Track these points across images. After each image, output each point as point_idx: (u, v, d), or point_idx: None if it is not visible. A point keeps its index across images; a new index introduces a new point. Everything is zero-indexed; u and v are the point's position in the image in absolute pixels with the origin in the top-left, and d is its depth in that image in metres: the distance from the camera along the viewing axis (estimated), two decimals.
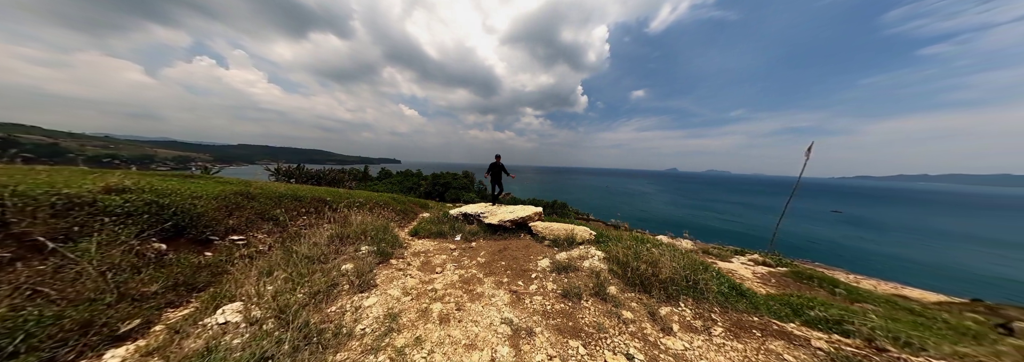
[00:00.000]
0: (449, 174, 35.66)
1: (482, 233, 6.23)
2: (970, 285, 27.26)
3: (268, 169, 14.09)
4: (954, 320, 6.32)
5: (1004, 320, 6.66)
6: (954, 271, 32.87)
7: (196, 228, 4.59)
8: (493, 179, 8.07)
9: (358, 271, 4.10)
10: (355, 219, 6.04)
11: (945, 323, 5.82)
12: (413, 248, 5.53)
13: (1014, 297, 19.80)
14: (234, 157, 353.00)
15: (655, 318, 3.84)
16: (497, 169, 8.01)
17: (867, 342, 3.92)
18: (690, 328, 3.78)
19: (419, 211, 11.20)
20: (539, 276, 4.68)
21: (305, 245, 4.72)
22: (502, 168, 8.00)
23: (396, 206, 9.84)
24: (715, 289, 4.52)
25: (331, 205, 7.23)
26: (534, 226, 6.32)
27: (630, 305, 4.09)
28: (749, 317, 4.36)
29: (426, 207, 12.32)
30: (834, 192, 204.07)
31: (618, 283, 4.65)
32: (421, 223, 7.24)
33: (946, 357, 3.56)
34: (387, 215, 8.20)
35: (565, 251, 5.62)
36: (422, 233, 6.55)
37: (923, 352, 3.61)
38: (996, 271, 33.82)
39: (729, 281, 5.06)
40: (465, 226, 6.58)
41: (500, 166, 7.98)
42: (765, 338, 3.74)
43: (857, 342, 3.95)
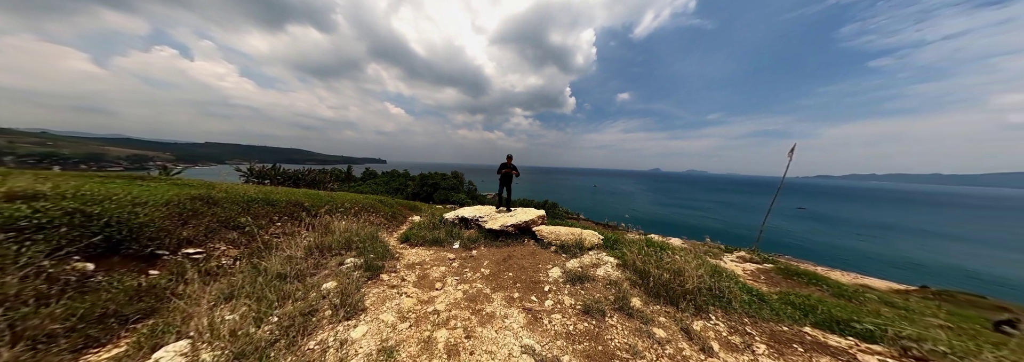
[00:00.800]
0: (438, 174, 34.50)
1: (482, 239, 5.62)
2: (912, 272, 29.96)
3: (239, 169, 12.77)
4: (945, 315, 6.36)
5: (1007, 317, 6.73)
6: (898, 260, 36.96)
7: (137, 241, 3.72)
8: (503, 183, 7.00)
9: (343, 291, 3.40)
10: (338, 226, 5.27)
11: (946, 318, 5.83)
12: (406, 259, 4.83)
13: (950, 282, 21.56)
14: (200, 156, 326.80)
15: (691, 336, 3.38)
16: (507, 171, 6.98)
17: (902, 351, 3.63)
18: (730, 346, 3.34)
19: (408, 214, 10.40)
20: (553, 289, 4.13)
21: (278, 259, 3.94)
22: (513, 170, 6.98)
23: (384, 210, 9.02)
24: (743, 298, 4.14)
25: (310, 210, 6.38)
26: (539, 231, 5.78)
27: (659, 320, 3.62)
28: (778, 326, 4.02)
29: (416, 210, 11.52)
30: (799, 190, 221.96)
31: (639, 294, 4.18)
32: (413, 229, 6.52)
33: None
34: (374, 220, 7.42)
35: (575, 258, 5.11)
36: (415, 240, 5.85)
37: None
38: (930, 258, 38.36)
39: (748, 287, 4.72)
40: (463, 232, 5.94)
41: (512, 168, 6.96)
42: (809, 354, 3.37)
43: (891, 351, 3.67)
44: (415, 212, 11.13)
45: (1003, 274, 31.88)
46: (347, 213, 7.00)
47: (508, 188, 7.00)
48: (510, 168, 6.84)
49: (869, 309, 5.46)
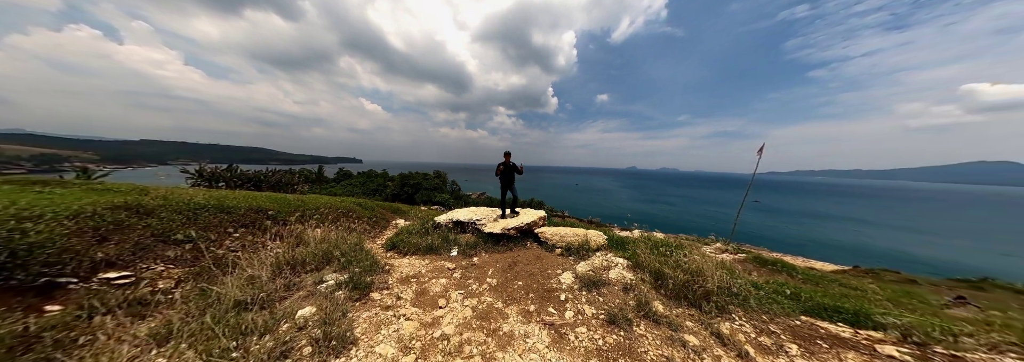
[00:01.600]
0: (419, 174, 32.78)
1: (482, 244, 5.06)
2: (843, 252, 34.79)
3: (186, 171, 10.96)
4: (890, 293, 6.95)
5: (958, 295, 7.42)
6: (831, 243, 43.07)
7: (26, 268, 2.73)
8: (504, 184, 5.89)
9: (324, 318, 2.70)
10: (313, 235, 4.44)
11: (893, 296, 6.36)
12: (399, 271, 4.15)
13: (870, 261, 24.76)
14: (134, 156, 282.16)
15: (724, 341, 3.11)
16: (509, 171, 5.84)
17: (902, 337, 3.66)
18: (764, 349, 3.13)
19: (392, 218, 9.50)
20: (569, 297, 3.70)
21: (236, 281, 3.12)
22: (515, 169, 5.83)
23: (363, 214, 8.10)
24: (759, 294, 4.00)
25: (276, 217, 5.41)
26: (542, 233, 5.34)
27: (686, 325, 3.33)
28: (792, 321, 3.93)
29: (400, 212, 10.60)
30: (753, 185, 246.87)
31: (659, 297, 3.88)
32: (401, 234, 5.78)
33: (995, 347, 3.38)
34: (356, 226, 6.53)
35: (584, 261, 4.73)
36: (405, 247, 5.14)
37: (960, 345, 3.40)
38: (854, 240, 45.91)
39: (756, 282, 4.65)
40: (459, 237, 5.33)
41: (513, 167, 5.82)
42: (835, 350, 3.25)
43: (890, 337, 3.69)
44: (399, 215, 10.23)
45: (906, 250, 39.41)
46: (323, 220, 6.08)
47: (512, 188, 5.98)
48: (511, 166, 5.80)
49: (835, 292, 5.81)
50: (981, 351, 3.31)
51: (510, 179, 5.82)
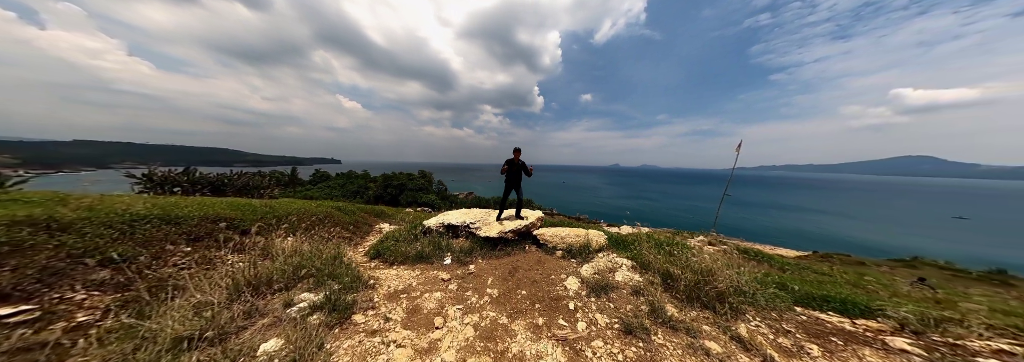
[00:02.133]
0: (403, 174, 31.19)
1: (478, 250, 4.61)
2: (801, 239, 37.96)
3: (132, 176, 9.59)
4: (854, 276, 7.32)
5: (920, 276, 7.87)
6: (792, 231, 46.76)
7: None
8: (509, 183, 5.20)
9: (295, 352, 2.17)
10: (283, 247, 3.80)
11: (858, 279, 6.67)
12: (386, 286, 3.62)
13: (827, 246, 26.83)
14: (65, 159, 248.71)
15: (746, 345, 2.89)
16: (518, 170, 5.16)
17: (899, 326, 3.65)
18: (785, 351, 2.94)
19: (375, 222, 8.80)
20: (578, 305, 3.37)
21: (181, 309, 2.50)
22: (524, 168, 5.17)
23: (343, 218, 7.38)
24: (767, 292, 3.86)
25: (238, 226, 4.68)
26: (540, 234, 4.97)
27: (704, 330, 3.09)
28: (797, 316, 3.83)
29: (383, 216, 9.88)
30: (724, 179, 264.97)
31: (670, 299, 3.64)
32: (387, 241, 5.21)
33: (991, 330, 3.40)
34: (334, 234, 5.86)
35: (587, 263, 4.42)
36: (391, 256, 4.60)
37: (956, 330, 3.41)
38: (809, 228, 51.27)
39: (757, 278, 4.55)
40: (452, 242, 4.85)
41: (522, 165, 5.15)
42: (849, 346, 3.14)
43: (886, 325, 3.66)
44: (383, 219, 9.52)
45: (848, 235, 45.06)
46: (294, 228, 5.37)
47: (519, 189, 5.28)
48: (520, 164, 5.11)
49: (812, 279, 5.97)
50: (974, 337, 3.32)
51: (517, 178, 5.18)
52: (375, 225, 8.50)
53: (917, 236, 46.72)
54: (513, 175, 5.12)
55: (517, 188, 5.24)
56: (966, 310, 4.00)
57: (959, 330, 3.41)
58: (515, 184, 5.18)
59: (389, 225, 8.66)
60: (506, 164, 5.06)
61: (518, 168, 5.11)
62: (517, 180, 5.19)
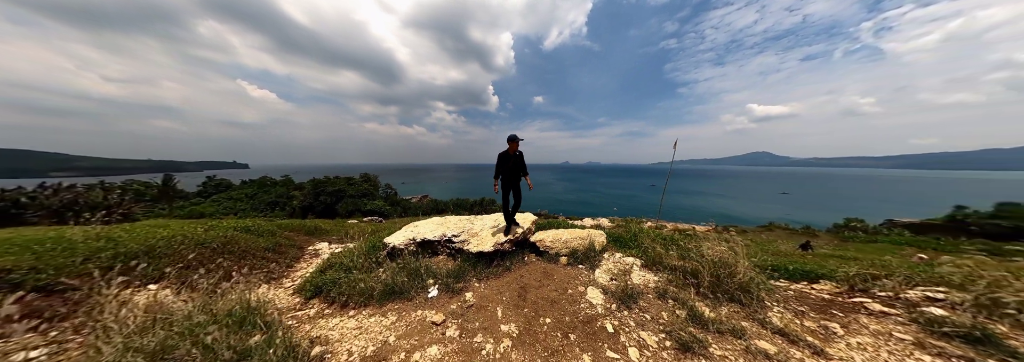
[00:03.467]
0: (341, 179, 25.50)
1: (469, 270, 3.55)
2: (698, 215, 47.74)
3: None
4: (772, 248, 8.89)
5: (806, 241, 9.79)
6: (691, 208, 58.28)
7: None
8: (505, 184, 3.95)
9: None
10: (132, 309, 2.12)
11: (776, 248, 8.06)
12: (344, 350, 2.31)
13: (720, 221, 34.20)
14: None
15: (790, 338, 2.69)
16: (515, 166, 3.93)
17: (850, 287, 3.97)
18: (820, 336, 2.84)
19: (307, 243, 6.69)
20: (616, 324, 2.75)
21: None
22: (522, 163, 3.99)
23: (255, 244, 5.27)
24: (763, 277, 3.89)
25: (24, 282, 2.59)
26: (540, 240, 4.18)
27: (749, 329, 2.81)
28: (785, 291, 3.98)
29: (319, 233, 7.70)
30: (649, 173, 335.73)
31: (696, 298, 3.32)
32: (330, 270, 3.69)
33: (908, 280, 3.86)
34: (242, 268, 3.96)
35: (597, 268, 3.84)
36: (341, 294, 3.20)
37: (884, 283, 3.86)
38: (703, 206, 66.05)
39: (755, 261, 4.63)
40: (430, 263, 3.66)
41: (519, 160, 3.95)
42: (850, 316, 3.27)
43: (841, 287, 4.01)
44: (318, 237, 7.37)
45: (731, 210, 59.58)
46: (159, 270, 3.39)
47: (516, 191, 4.02)
48: (518, 162, 3.90)
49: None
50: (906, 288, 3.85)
51: (516, 177, 3.93)
52: (307, 247, 6.47)
53: (764, 206, 65.60)
54: (511, 172, 3.87)
55: (515, 189, 4.00)
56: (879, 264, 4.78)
57: (888, 283, 3.89)
58: (513, 184, 3.97)
59: (329, 245, 6.72)
60: (504, 161, 3.81)
61: (518, 161, 3.87)
62: (516, 178, 3.96)
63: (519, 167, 3.92)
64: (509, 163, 3.83)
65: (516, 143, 3.76)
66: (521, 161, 3.92)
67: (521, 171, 3.96)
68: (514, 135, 3.78)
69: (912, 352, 2.54)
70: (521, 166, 3.94)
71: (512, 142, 3.77)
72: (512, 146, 3.79)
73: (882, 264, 4.17)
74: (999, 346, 2.45)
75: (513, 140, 3.76)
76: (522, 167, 3.95)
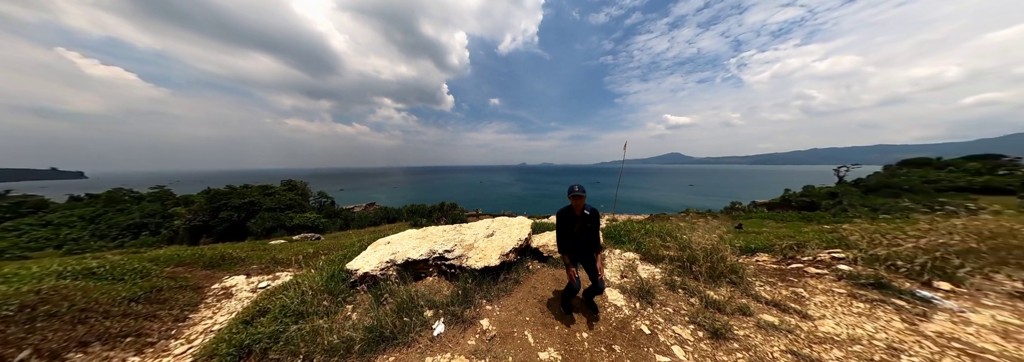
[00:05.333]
0: (253, 188, 18.98)
1: (474, 290, 2.86)
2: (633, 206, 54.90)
3: None
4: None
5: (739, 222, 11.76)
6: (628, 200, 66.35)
7: None
8: (578, 248, 2.54)
9: None
10: None
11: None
12: None
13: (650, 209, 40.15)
14: None
15: (782, 308, 2.93)
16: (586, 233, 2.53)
17: (783, 255, 4.70)
18: (806, 302, 3.17)
19: (208, 280, 4.73)
20: (648, 324, 2.57)
21: None
22: (595, 231, 2.58)
23: (104, 297, 3.38)
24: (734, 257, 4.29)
25: None
26: (543, 246, 3.74)
27: (743, 304, 2.97)
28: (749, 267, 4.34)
29: (229, 263, 5.62)
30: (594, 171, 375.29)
31: (700, 284, 3.40)
32: (264, 318, 2.51)
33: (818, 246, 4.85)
34: (82, 351, 2.37)
35: (605, 268, 3.63)
36: (292, 353, 2.16)
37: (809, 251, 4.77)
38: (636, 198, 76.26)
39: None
40: (420, 289, 2.82)
41: (593, 223, 2.55)
42: (801, 280, 3.77)
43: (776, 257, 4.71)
44: (228, 269, 5.34)
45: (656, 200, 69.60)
46: None
47: (592, 270, 2.55)
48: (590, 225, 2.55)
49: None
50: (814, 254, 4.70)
51: (588, 251, 2.56)
52: (211, 286, 4.60)
53: (679, 196, 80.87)
54: (578, 243, 2.51)
55: (589, 267, 2.54)
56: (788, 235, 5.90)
57: (808, 250, 4.73)
58: (585, 259, 2.56)
59: (248, 279, 4.93)
60: (567, 219, 2.48)
61: (584, 228, 2.49)
62: (588, 252, 2.54)
63: (591, 236, 2.50)
64: (575, 227, 2.43)
65: (582, 199, 2.38)
66: (595, 227, 2.52)
67: (593, 243, 2.52)
68: (577, 188, 2.36)
69: (851, 301, 3.01)
70: (594, 235, 2.52)
71: (577, 198, 2.38)
72: (577, 203, 2.41)
73: (800, 235, 5.07)
74: (889, 288, 3.09)
75: (578, 195, 2.35)
76: (595, 237, 2.53)
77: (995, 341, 2.34)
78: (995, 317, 2.62)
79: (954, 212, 4.48)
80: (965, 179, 22.02)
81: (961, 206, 4.32)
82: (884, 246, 3.65)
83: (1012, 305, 2.80)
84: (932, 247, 3.46)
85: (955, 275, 3.15)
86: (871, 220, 4.91)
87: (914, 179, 21.82)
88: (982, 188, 20.84)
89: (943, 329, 2.50)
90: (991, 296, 2.96)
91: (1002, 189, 20.00)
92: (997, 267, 3.21)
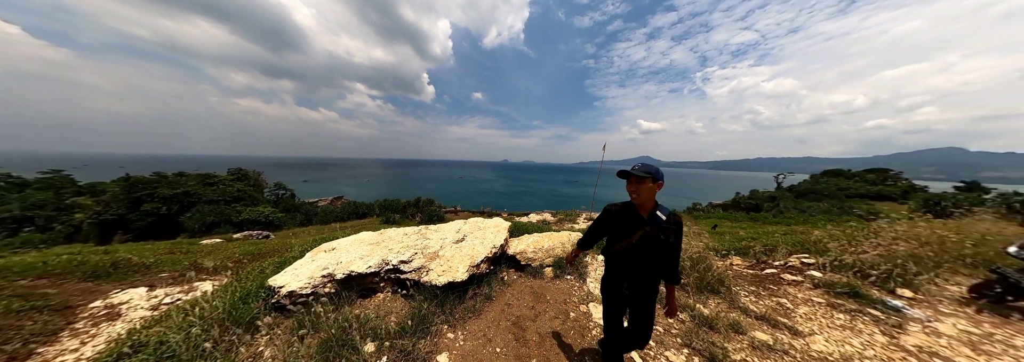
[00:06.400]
0: (191, 176, 15.82)
1: (433, 311, 2.21)
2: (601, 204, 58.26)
3: None
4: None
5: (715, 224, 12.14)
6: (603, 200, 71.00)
7: None
8: (616, 276, 1.56)
9: None
10: None
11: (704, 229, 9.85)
12: None
13: None
14: None
15: (772, 323, 2.68)
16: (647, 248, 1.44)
17: (756, 260, 4.62)
18: (784, 314, 2.96)
19: (91, 296, 3.51)
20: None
21: None
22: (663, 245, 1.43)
23: None
24: None
25: None
26: (520, 253, 3.17)
27: (733, 318, 2.68)
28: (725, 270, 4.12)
29: (123, 273, 4.30)
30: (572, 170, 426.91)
31: (690, 298, 3.07)
32: (135, 359, 1.66)
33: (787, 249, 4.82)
34: None
35: (587, 278, 3.18)
36: None
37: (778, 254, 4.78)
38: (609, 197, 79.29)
39: None
40: (363, 313, 2.11)
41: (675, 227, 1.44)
42: (781, 288, 3.60)
43: (750, 261, 4.62)
44: (123, 279, 4.06)
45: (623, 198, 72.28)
46: None
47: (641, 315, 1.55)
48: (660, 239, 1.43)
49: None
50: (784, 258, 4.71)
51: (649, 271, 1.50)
52: (86, 306, 3.41)
53: None
54: (631, 256, 1.49)
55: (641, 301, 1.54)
56: (752, 236, 6.01)
57: (777, 254, 4.72)
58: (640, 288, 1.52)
59: (150, 292, 3.78)
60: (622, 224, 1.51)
61: (650, 241, 1.44)
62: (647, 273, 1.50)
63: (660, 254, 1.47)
64: (633, 238, 1.45)
65: (645, 186, 1.39)
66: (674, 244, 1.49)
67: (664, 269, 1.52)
68: (639, 168, 1.41)
69: (832, 312, 2.85)
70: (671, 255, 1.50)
71: (639, 183, 1.40)
72: (639, 195, 1.42)
73: (765, 236, 5.08)
74: (863, 297, 3.01)
75: (641, 177, 1.39)
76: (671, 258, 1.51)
77: (967, 354, 2.24)
78: (957, 326, 2.58)
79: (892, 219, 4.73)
80: (865, 188, 25.64)
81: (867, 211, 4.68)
82: (851, 253, 3.63)
83: (963, 312, 2.83)
84: (891, 254, 3.49)
85: (912, 282, 3.16)
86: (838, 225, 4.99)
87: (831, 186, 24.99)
88: (875, 195, 24.49)
89: (921, 342, 2.38)
90: (944, 302, 2.98)
91: (888, 196, 23.74)
92: (937, 272, 3.29)
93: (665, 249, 1.47)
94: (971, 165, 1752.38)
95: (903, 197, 21.70)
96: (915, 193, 21.53)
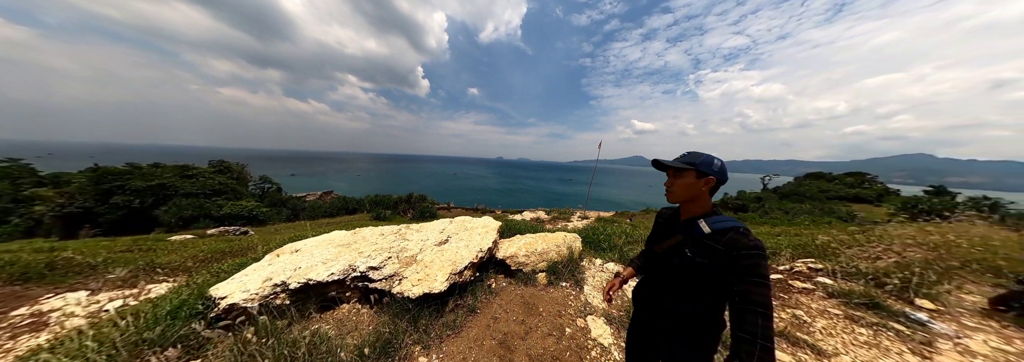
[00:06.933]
0: (166, 168, 14.73)
1: (406, 328, 1.81)
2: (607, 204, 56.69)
3: None
4: None
5: None
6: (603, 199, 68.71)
7: None
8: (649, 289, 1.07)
9: None
10: None
11: None
12: None
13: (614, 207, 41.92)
14: None
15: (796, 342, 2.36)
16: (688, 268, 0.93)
17: None
18: (800, 327, 2.66)
19: (13, 303, 2.97)
20: None
21: None
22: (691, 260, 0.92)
23: None
24: None
25: None
26: (511, 256, 2.78)
27: None
28: None
29: (61, 274, 3.73)
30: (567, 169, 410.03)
31: None
32: None
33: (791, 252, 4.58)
34: None
35: (585, 285, 2.81)
36: None
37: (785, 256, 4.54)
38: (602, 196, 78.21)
39: None
40: (321, 331, 1.70)
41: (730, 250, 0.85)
42: (792, 297, 3.36)
43: None
44: (61, 282, 3.50)
45: (621, 199, 71.16)
46: None
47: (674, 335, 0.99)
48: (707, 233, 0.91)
49: None
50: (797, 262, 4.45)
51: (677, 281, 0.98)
52: (7, 315, 2.87)
53: (638, 194, 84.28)
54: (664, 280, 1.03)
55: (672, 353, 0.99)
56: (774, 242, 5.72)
57: (782, 258, 4.44)
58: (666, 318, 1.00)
59: (91, 296, 3.26)
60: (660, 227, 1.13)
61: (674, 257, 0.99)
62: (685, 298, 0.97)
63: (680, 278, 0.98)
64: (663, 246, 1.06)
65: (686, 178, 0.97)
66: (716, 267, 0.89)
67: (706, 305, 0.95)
68: (684, 157, 1.00)
69: (853, 327, 2.55)
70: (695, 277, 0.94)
71: (678, 174, 0.99)
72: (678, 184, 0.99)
73: (770, 240, 4.81)
74: (884, 309, 2.72)
75: (679, 169, 0.98)
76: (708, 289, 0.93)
77: None
78: (988, 343, 2.30)
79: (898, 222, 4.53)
80: (844, 190, 26.22)
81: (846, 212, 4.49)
82: (864, 259, 3.34)
83: (989, 325, 2.57)
84: (906, 262, 3.23)
85: (932, 292, 2.90)
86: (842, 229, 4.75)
87: (813, 189, 25.41)
88: (854, 198, 25.12)
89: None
90: (966, 315, 2.72)
91: (866, 199, 24.47)
92: (951, 280, 3.04)
93: (697, 275, 0.91)
94: (938, 170, 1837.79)
95: (878, 200, 22.29)
96: (889, 196, 22.13)
